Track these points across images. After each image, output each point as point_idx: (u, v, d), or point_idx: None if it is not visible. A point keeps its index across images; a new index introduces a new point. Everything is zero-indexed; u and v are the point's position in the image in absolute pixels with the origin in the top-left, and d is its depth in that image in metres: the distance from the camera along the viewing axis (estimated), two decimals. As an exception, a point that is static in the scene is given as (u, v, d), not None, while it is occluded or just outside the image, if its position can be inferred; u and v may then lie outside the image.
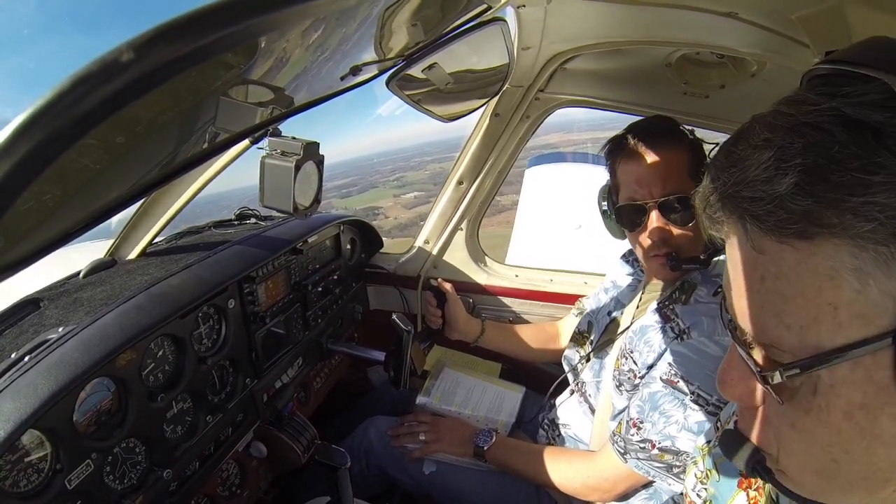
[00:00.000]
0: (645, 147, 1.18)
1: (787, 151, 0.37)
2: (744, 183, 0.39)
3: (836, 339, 0.38)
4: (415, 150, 39.30)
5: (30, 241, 0.34)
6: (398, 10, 0.65)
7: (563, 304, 1.92)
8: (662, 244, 1.19)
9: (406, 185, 55.16)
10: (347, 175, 76.28)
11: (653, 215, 1.18)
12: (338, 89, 0.76)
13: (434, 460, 1.48)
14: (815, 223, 0.36)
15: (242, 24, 0.31)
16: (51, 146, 0.27)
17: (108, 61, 0.26)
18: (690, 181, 1.17)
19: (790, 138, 0.37)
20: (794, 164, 0.37)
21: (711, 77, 1.54)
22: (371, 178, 67.00)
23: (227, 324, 1.28)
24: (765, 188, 0.38)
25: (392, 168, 74.81)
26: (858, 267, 0.36)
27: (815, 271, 0.38)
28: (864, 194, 0.35)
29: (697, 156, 1.21)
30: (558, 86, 1.72)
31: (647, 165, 1.18)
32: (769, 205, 0.38)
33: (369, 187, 60.60)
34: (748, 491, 0.73)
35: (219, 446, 1.28)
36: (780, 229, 0.38)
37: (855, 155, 0.35)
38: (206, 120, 0.51)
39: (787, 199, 0.37)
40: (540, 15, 1.33)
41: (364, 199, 54.01)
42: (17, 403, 0.82)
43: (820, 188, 0.36)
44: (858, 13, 0.72)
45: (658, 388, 1.14)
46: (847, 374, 0.39)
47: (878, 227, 0.35)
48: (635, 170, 1.20)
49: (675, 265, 1.18)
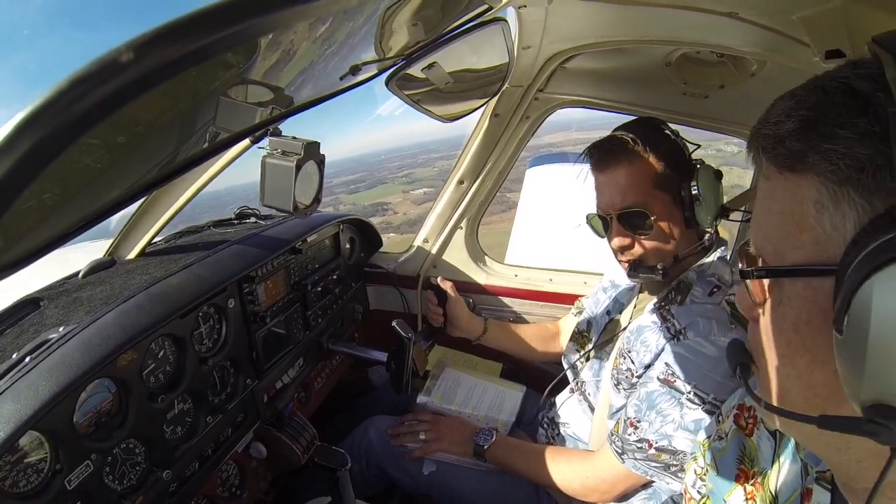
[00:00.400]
0: (603, 163, 1.22)
1: (800, 104, 0.46)
2: (765, 122, 0.49)
3: (796, 256, 0.47)
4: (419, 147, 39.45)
5: (30, 241, 0.34)
6: (399, 10, 0.65)
7: (562, 304, 1.92)
8: (624, 252, 1.25)
9: (415, 182, 54.87)
10: (355, 171, 75.91)
11: (613, 226, 1.24)
12: (337, 89, 0.76)
13: (434, 460, 1.48)
14: (801, 161, 0.46)
15: (242, 24, 0.31)
16: (50, 145, 0.27)
17: (108, 61, 0.26)
18: (655, 191, 1.19)
19: (807, 95, 0.47)
20: (799, 115, 0.46)
21: (711, 77, 1.54)
22: (379, 175, 66.64)
23: (227, 323, 1.28)
24: (774, 129, 0.48)
25: (400, 165, 74.34)
26: (818, 199, 0.45)
27: (793, 198, 0.47)
28: (832, 142, 0.43)
29: (671, 163, 1.20)
30: (558, 86, 1.72)
31: (608, 179, 1.23)
32: (774, 142, 0.48)
33: (377, 183, 60.38)
34: (745, 485, 0.73)
35: (219, 447, 1.28)
36: (778, 161, 0.48)
37: (839, 114, 0.43)
38: (206, 119, 0.51)
39: (786, 139, 0.46)
40: (541, 15, 1.33)
41: (372, 194, 53.73)
42: (17, 405, 0.82)
43: (809, 135, 0.45)
44: (859, 13, 0.72)
45: (655, 388, 1.14)
46: (800, 290, 0.47)
47: (836, 170, 0.43)
48: (598, 183, 1.26)
49: (632, 273, 1.25)
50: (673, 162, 1.20)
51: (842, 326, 0.40)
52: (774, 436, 0.72)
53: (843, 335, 0.40)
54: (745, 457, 0.75)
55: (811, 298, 0.46)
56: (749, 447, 0.76)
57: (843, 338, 0.40)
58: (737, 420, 0.79)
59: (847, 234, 0.43)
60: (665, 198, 1.19)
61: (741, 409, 0.80)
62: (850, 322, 0.39)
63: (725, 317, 1.12)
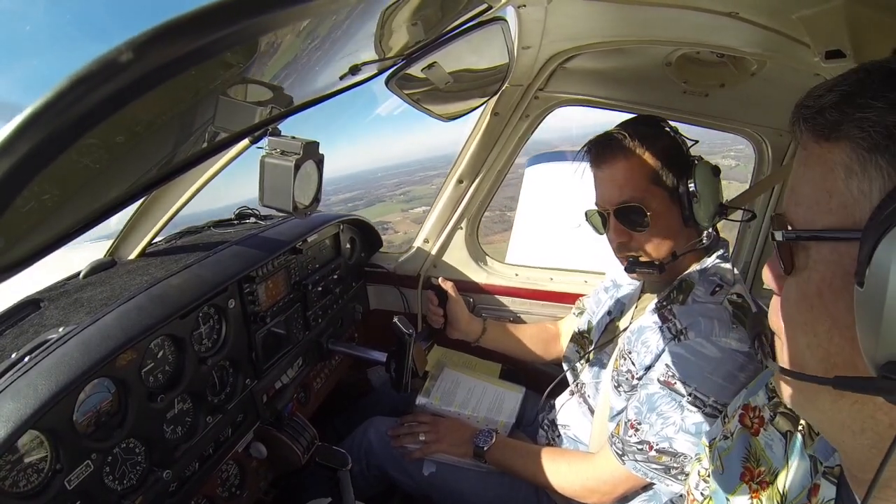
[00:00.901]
0: (600, 159, 1.23)
1: (843, 81, 0.49)
2: (809, 96, 0.52)
3: (825, 220, 0.49)
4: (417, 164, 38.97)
5: (30, 242, 0.34)
6: (399, 10, 0.65)
7: (563, 304, 1.92)
8: (622, 248, 1.25)
9: (413, 200, 54.68)
10: (352, 188, 75.52)
11: (611, 222, 1.24)
12: (337, 88, 0.76)
13: (434, 461, 1.48)
14: (836, 129, 0.48)
15: (242, 23, 0.31)
16: (50, 145, 0.27)
17: (108, 61, 0.26)
18: (652, 187, 1.19)
19: (851, 74, 0.49)
20: (840, 89, 0.49)
21: (711, 76, 1.54)
22: (377, 192, 66.23)
23: (227, 324, 1.27)
24: (815, 100, 0.50)
25: (398, 182, 73.80)
26: (848, 165, 0.47)
27: (825, 163, 0.49)
28: (865, 112, 0.46)
29: (668, 159, 1.20)
30: (558, 85, 1.72)
31: (605, 175, 1.23)
32: (814, 112, 0.50)
33: (375, 201, 60.11)
34: (750, 483, 0.73)
35: (218, 447, 1.28)
36: (816, 130, 0.50)
37: (876, 89, 0.46)
38: (205, 119, 0.51)
39: (825, 110, 0.49)
40: (540, 14, 1.33)
41: (371, 213, 53.50)
42: (17, 404, 0.82)
43: (846, 107, 0.47)
44: (859, 13, 0.72)
45: (655, 390, 1.14)
46: (826, 253, 0.49)
47: (867, 137, 0.45)
48: (596, 179, 1.26)
49: (630, 268, 1.25)
50: (670, 158, 1.20)
51: (863, 279, 0.42)
52: (786, 436, 0.72)
53: (864, 288, 0.42)
54: (751, 456, 0.76)
55: (836, 262, 0.48)
56: (755, 446, 0.76)
57: (864, 290, 0.42)
58: (742, 420, 0.80)
59: (873, 199, 0.45)
60: (662, 194, 1.19)
61: (746, 409, 0.80)
62: (871, 276, 0.41)
63: (727, 316, 1.12)
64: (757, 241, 1.92)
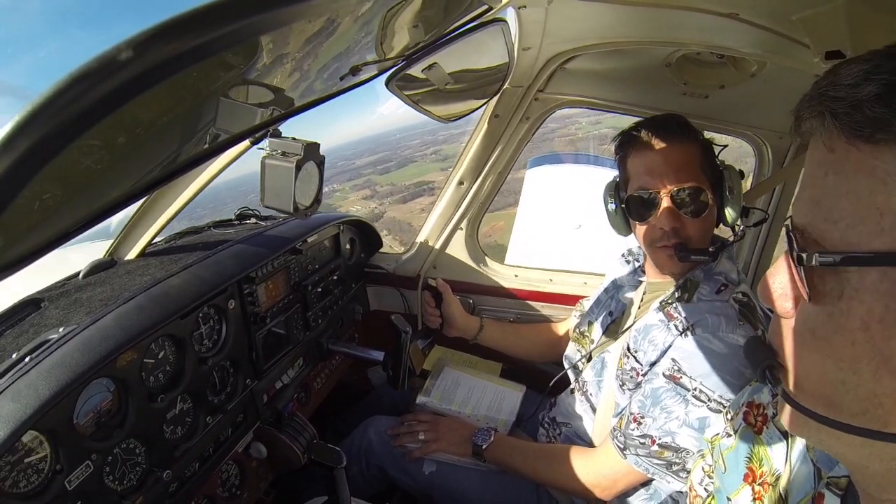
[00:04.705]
0: (658, 139, 1.20)
1: (880, 67, 0.41)
2: (833, 84, 0.43)
3: (874, 242, 0.40)
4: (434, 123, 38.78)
5: (30, 240, 0.34)
6: (400, 11, 0.65)
7: (562, 305, 1.92)
8: (672, 234, 1.20)
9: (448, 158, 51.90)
10: (375, 151, 73.10)
11: (664, 205, 1.19)
12: (338, 89, 0.76)
13: (434, 460, 1.48)
14: (882, 129, 0.39)
15: (242, 22, 0.31)
16: (50, 143, 0.27)
17: (108, 59, 0.26)
18: (702, 175, 1.19)
19: (886, 60, 0.41)
20: (881, 78, 0.40)
21: (711, 77, 1.54)
22: (403, 153, 64.38)
23: (227, 324, 1.27)
24: (848, 91, 0.41)
25: (421, 143, 71.20)
26: None
27: (871, 173, 0.40)
28: None
29: (708, 153, 1.23)
30: (558, 86, 1.72)
31: (661, 157, 1.19)
32: (848, 106, 0.41)
33: (407, 162, 58.07)
34: (753, 485, 0.73)
35: (218, 447, 1.28)
36: (852, 129, 0.41)
37: None
38: (206, 120, 0.51)
39: (864, 104, 0.40)
40: (541, 16, 1.33)
41: (406, 174, 51.22)
42: (17, 404, 0.82)
43: (895, 101, 0.39)
44: (859, 14, 0.72)
45: (660, 384, 1.14)
46: (875, 281, 0.40)
47: None
48: (647, 161, 1.21)
49: (684, 256, 1.19)
50: (709, 154, 1.23)
51: None
52: (786, 436, 0.71)
53: None
54: (754, 456, 0.75)
55: (889, 291, 0.40)
56: (758, 446, 0.75)
57: None
58: (746, 418, 0.79)
59: None
60: (709, 185, 1.20)
61: (750, 407, 0.79)
62: None
63: (734, 313, 1.12)
64: (757, 241, 1.92)
